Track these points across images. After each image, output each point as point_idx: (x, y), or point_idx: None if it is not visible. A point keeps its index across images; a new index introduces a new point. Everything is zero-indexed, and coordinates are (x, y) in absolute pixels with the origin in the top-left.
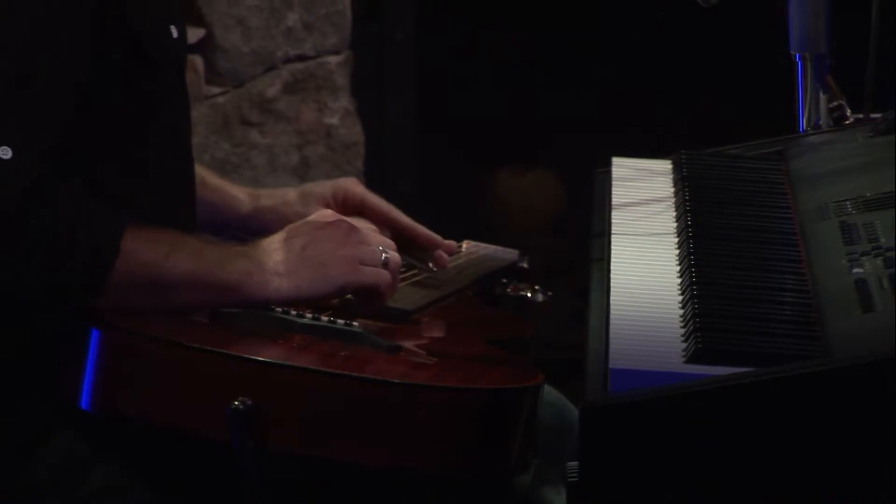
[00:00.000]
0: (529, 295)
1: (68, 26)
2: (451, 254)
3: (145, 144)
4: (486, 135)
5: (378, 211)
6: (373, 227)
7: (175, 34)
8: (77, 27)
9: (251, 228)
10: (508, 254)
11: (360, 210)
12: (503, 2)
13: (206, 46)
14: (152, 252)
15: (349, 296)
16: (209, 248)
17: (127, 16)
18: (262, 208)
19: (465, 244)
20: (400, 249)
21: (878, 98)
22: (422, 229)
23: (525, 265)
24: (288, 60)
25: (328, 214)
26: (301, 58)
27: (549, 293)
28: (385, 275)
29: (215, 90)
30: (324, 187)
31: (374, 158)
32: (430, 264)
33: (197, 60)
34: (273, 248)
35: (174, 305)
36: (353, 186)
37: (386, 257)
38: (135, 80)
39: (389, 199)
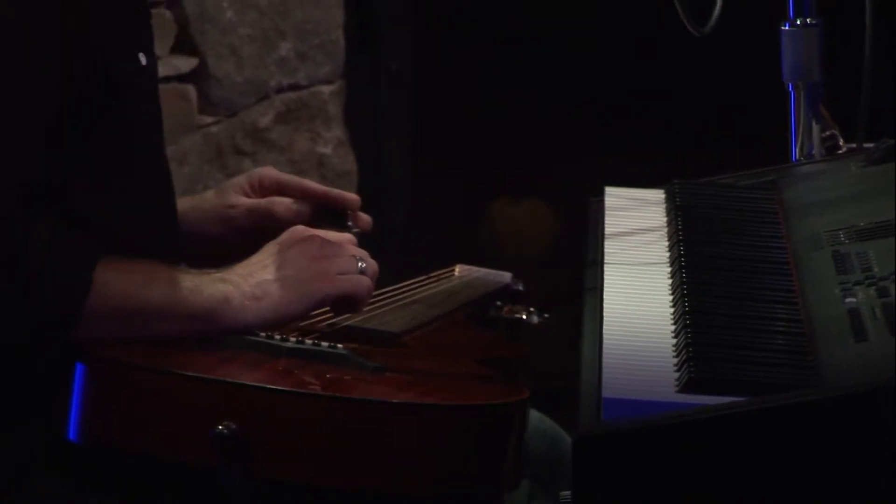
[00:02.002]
0: (524, 317)
1: (38, 60)
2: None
3: (124, 172)
4: (480, 165)
5: (293, 186)
6: (349, 237)
7: (144, 61)
8: (47, 61)
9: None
10: (501, 276)
11: (278, 190)
12: (499, 32)
13: (198, 76)
14: (126, 283)
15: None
16: (185, 277)
17: (91, 45)
18: (183, 211)
19: (457, 268)
20: (318, 222)
21: (871, 127)
22: (334, 191)
23: (519, 287)
24: (281, 90)
25: (300, 230)
26: (294, 87)
27: (545, 315)
28: (364, 280)
29: (208, 119)
30: (240, 178)
31: (368, 188)
32: (350, 224)
33: (190, 90)
34: (248, 273)
35: (153, 335)
36: (268, 171)
37: (363, 265)
38: (106, 109)
39: (383, 228)
